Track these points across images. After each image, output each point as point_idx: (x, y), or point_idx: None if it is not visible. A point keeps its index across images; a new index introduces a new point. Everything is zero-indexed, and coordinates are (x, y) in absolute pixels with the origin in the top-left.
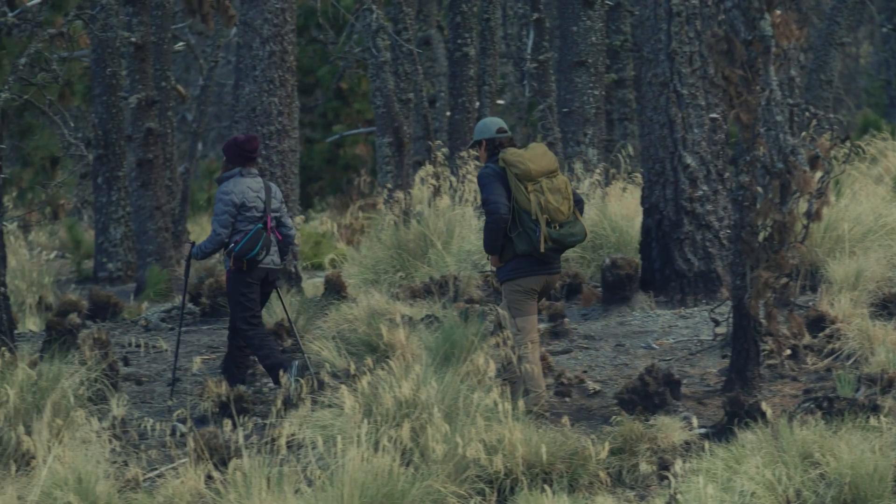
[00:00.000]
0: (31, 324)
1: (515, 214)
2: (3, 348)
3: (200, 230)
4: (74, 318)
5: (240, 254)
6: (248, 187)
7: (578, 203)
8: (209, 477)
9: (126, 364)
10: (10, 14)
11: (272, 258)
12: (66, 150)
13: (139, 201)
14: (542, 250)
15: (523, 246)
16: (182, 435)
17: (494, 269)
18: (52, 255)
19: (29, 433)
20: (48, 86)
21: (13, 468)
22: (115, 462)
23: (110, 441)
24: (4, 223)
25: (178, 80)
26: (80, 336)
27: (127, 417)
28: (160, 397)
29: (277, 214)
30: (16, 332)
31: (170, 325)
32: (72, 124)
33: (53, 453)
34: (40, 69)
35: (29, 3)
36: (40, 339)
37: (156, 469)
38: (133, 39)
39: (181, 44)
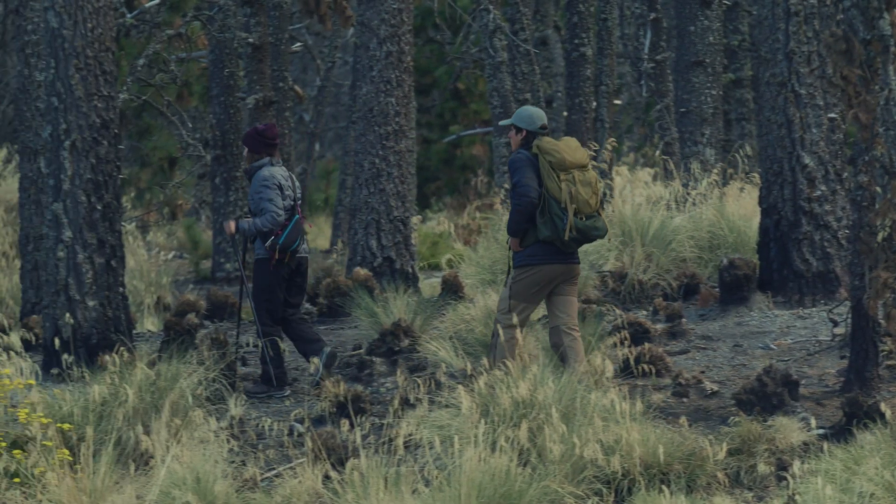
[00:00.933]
0: (150, 324)
1: (544, 201)
2: (122, 348)
3: (318, 230)
4: (192, 318)
5: (284, 245)
6: (281, 175)
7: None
8: (326, 477)
9: (244, 364)
10: (129, 15)
11: (304, 246)
12: (184, 151)
13: None
14: (567, 238)
15: (547, 232)
16: (300, 435)
17: (512, 251)
18: (169, 256)
19: (147, 433)
20: (166, 86)
21: (132, 468)
22: (232, 462)
23: (228, 441)
24: (123, 223)
25: (295, 80)
26: (198, 336)
27: (245, 417)
28: (278, 397)
29: (300, 202)
30: (134, 332)
31: None
32: (189, 125)
33: (172, 453)
34: (158, 70)
35: (147, 5)
36: (158, 339)
37: (273, 469)
38: (251, 40)
39: (299, 44)
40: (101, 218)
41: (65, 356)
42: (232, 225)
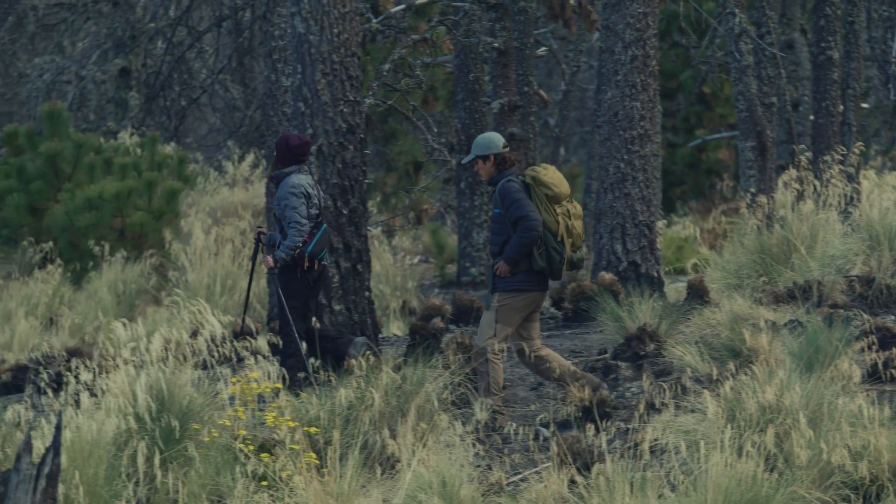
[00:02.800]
0: (395, 328)
1: (541, 234)
2: (369, 352)
3: None
4: (438, 322)
5: (312, 253)
6: (308, 184)
7: None
8: (572, 481)
9: None
10: (375, 20)
11: (327, 254)
12: (430, 155)
13: None
14: (566, 270)
15: (543, 263)
16: (545, 439)
17: (498, 275)
18: (415, 260)
19: (394, 436)
20: (411, 91)
21: (378, 471)
22: (478, 466)
23: (474, 445)
24: (368, 228)
25: (540, 84)
26: (444, 340)
27: (490, 421)
28: (523, 401)
29: (324, 211)
30: (380, 335)
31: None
32: (435, 129)
33: (418, 457)
34: (404, 74)
35: (393, 10)
36: (404, 342)
37: (519, 473)
38: (496, 45)
39: (543, 49)
40: (347, 222)
41: (311, 360)
42: (270, 260)
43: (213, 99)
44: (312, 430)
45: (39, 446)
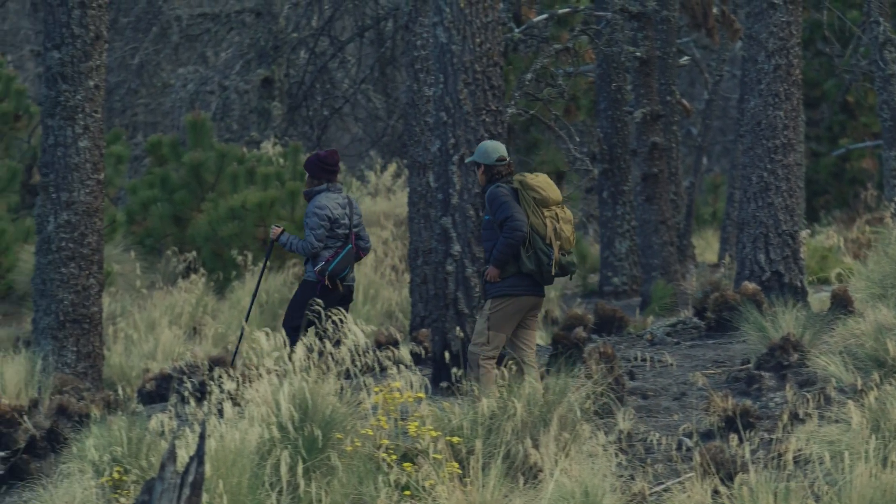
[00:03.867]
0: (538, 337)
1: (529, 236)
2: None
3: (705, 244)
4: (580, 332)
5: (333, 273)
6: (337, 203)
7: None
8: (715, 492)
9: (632, 378)
10: (517, 30)
11: (352, 274)
12: (572, 165)
13: (644, 215)
14: (553, 274)
15: (531, 266)
16: (688, 449)
17: (488, 280)
18: None
19: (536, 446)
20: (554, 101)
21: (521, 481)
22: (621, 476)
23: (616, 455)
24: None
25: (682, 94)
26: (586, 350)
27: (633, 431)
28: (666, 412)
29: (357, 229)
30: None
31: (675, 340)
32: (577, 139)
33: (560, 467)
34: (546, 84)
35: (535, 19)
36: (547, 352)
37: (662, 483)
38: (638, 54)
39: (686, 58)
40: None
41: (454, 369)
42: (277, 231)
43: (355, 109)
44: (455, 439)
45: (183, 455)
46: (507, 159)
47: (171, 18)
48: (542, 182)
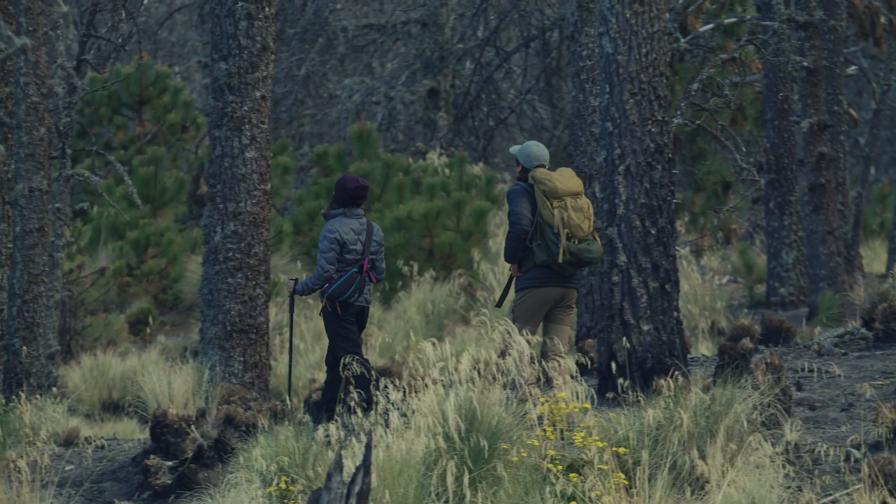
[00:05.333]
0: (704, 348)
1: (538, 227)
2: (677, 372)
3: (873, 255)
4: (747, 342)
5: (332, 296)
6: (351, 228)
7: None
8: (883, 503)
9: (799, 389)
10: (683, 40)
11: (365, 297)
12: (738, 175)
13: (811, 226)
14: (560, 260)
15: (543, 256)
16: (856, 461)
17: (513, 277)
18: (723, 280)
19: (703, 457)
20: (720, 110)
21: (687, 492)
22: (788, 487)
23: (784, 466)
24: (677, 248)
25: (850, 104)
26: (753, 361)
27: (800, 442)
28: (833, 423)
29: (374, 256)
30: (689, 356)
31: (843, 351)
32: (744, 149)
33: (727, 478)
34: (712, 94)
35: (701, 29)
36: (713, 363)
37: (830, 495)
38: (805, 64)
39: (853, 67)
40: (655, 242)
41: (620, 380)
42: (292, 284)
43: (521, 119)
44: (621, 450)
45: (350, 465)
46: (546, 166)
47: (337, 29)
48: (552, 175)
